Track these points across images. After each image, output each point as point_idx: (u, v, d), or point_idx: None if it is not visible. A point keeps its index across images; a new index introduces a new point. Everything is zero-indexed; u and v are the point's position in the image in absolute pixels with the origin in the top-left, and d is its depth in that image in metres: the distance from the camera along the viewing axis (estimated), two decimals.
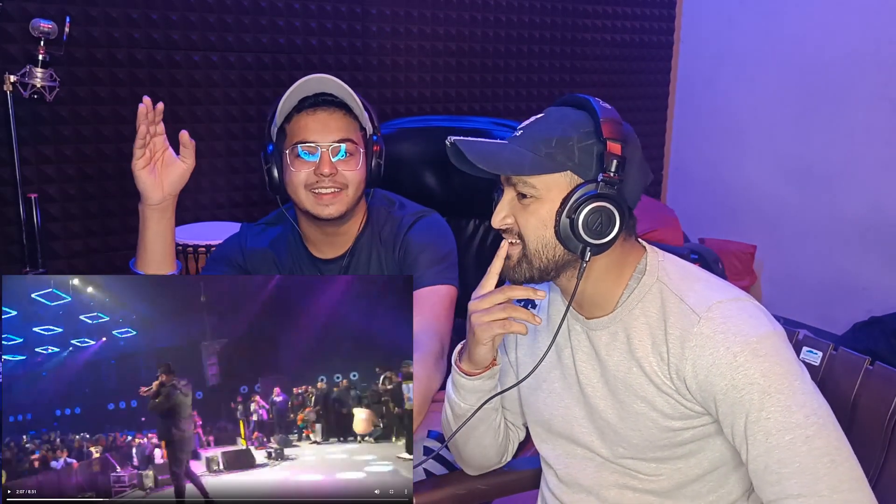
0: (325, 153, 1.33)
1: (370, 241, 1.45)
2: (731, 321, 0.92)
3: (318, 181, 1.33)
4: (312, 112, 1.34)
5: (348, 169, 1.35)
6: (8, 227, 2.34)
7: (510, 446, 1.25)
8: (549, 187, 0.96)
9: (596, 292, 1.02)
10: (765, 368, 0.90)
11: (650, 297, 1.00)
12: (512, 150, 0.97)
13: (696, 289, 0.97)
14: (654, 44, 3.76)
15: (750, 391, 0.90)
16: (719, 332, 0.92)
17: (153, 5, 2.48)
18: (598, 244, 0.95)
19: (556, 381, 1.11)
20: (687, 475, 1.02)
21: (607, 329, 1.03)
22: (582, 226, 0.94)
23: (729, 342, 0.91)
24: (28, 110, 2.29)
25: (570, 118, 0.98)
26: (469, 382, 1.08)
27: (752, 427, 0.90)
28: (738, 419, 0.91)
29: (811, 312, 3.27)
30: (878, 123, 3.04)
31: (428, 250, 1.40)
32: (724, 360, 0.91)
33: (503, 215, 1.00)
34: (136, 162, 1.26)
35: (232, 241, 1.53)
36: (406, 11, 2.99)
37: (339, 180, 1.34)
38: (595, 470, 1.08)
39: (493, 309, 1.00)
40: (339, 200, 1.35)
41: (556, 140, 0.96)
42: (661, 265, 1.02)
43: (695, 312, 0.94)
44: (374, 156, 1.39)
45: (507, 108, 3.35)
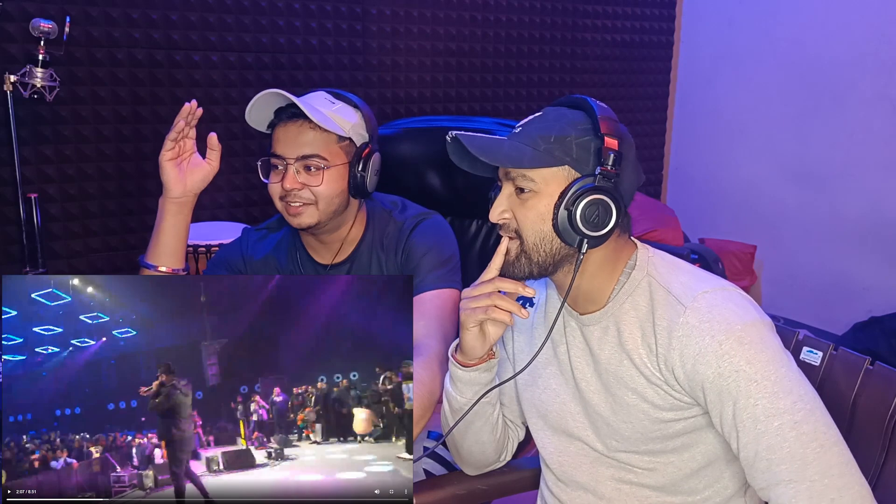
0: (291, 168, 1.32)
1: (371, 247, 1.45)
2: (717, 310, 0.94)
3: (286, 194, 1.33)
4: (284, 124, 1.33)
5: (314, 184, 1.33)
6: (8, 227, 2.34)
7: (509, 444, 1.25)
8: (547, 181, 0.98)
9: (590, 288, 1.04)
10: (750, 356, 0.91)
11: (640, 290, 1.01)
12: (511, 144, 0.99)
13: (682, 280, 0.99)
14: (654, 44, 3.76)
15: (736, 379, 0.91)
16: (704, 322, 0.93)
17: (153, 5, 2.48)
18: (595, 236, 0.97)
19: (552, 378, 1.12)
20: (681, 469, 1.03)
21: (599, 324, 1.04)
22: (580, 217, 0.96)
23: (714, 331, 0.92)
24: (28, 110, 2.29)
25: (567, 117, 1.01)
26: (465, 374, 1.09)
27: (740, 414, 0.91)
28: (726, 407, 0.92)
29: (811, 312, 3.27)
30: (878, 123, 3.04)
31: (430, 254, 1.39)
32: (710, 348, 0.92)
33: (501, 209, 1.01)
34: (164, 153, 1.30)
35: (233, 246, 1.54)
36: (406, 11, 2.99)
37: (303, 196, 1.33)
38: (590, 465, 1.09)
39: (480, 297, 1.02)
40: (308, 213, 1.34)
41: (554, 136, 0.98)
42: (650, 260, 1.04)
43: (681, 303, 0.96)
44: (361, 164, 1.36)
45: (507, 108, 3.35)
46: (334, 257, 1.45)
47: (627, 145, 0.99)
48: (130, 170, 2.53)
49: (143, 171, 2.54)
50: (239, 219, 2.72)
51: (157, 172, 1.30)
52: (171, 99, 2.54)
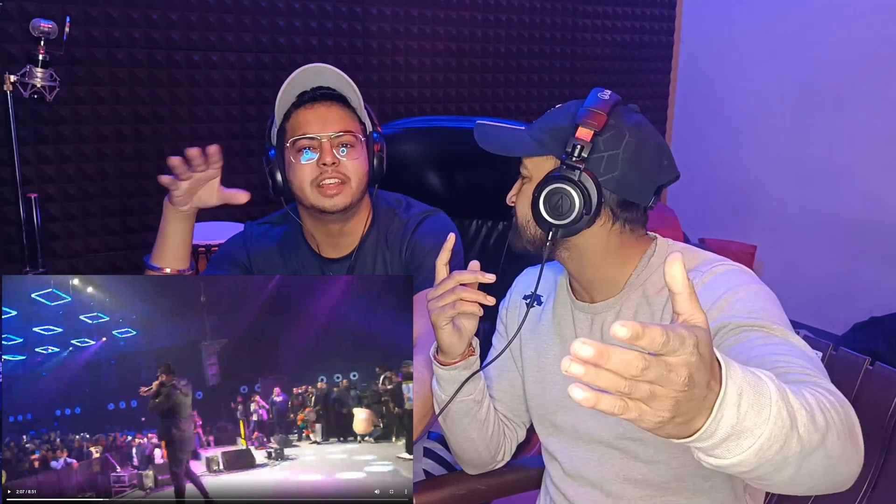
0: (327, 143, 1.33)
1: (375, 243, 1.45)
2: (733, 274, 0.98)
3: (321, 173, 1.33)
4: (311, 106, 1.35)
5: (350, 159, 1.35)
6: (8, 227, 2.34)
7: (506, 444, 1.25)
8: (538, 168, 1.04)
9: (597, 278, 1.07)
10: (755, 291, 0.95)
11: (657, 274, 1.04)
12: (510, 133, 1.06)
13: (699, 258, 1.04)
14: (654, 44, 3.76)
15: (744, 303, 0.93)
16: (720, 280, 0.97)
17: (153, 5, 2.48)
18: (559, 224, 0.99)
19: (559, 373, 1.11)
20: (685, 465, 1.03)
21: (613, 309, 1.06)
22: (542, 205, 1.00)
23: (729, 284, 0.96)
24: (28, 110, 2.29)
25: (569, 108, 1.03)
26: (446, 373, 1.11)
27: (748, 329, 0.90)
28: (728, 338, 0.91)
29: (811, 312, 3.26)
30: (878, 123, 3.04)
31: (435, 251, 1.39)
32: (724, 296, 0.94)
33: (511, 194, 1.09)
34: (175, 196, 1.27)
35: (236, 240, 1.53)
36: (406, 11, 2.99)
37: (341, 171, 1.34)
38: (598, 463, 1.10)
39: (445, 294, 1.03)
40: (343, 192, 1.35)
41: (549, 127, 1.03)
42: (670, 248, 1.08)
43: (698, 272, 0.99)
44: (375, 153, 1.40)
45: (507, 108, 3.34)
46: (338, 252, 1.45)
47: (617, 138, 0.99)
48: (130, 170, 2.53)
49: (143, 171, 2.54)
50: (239, 219, 2.71)
51: (157, 173, 1.29)
52: (171, 99, 2.53)
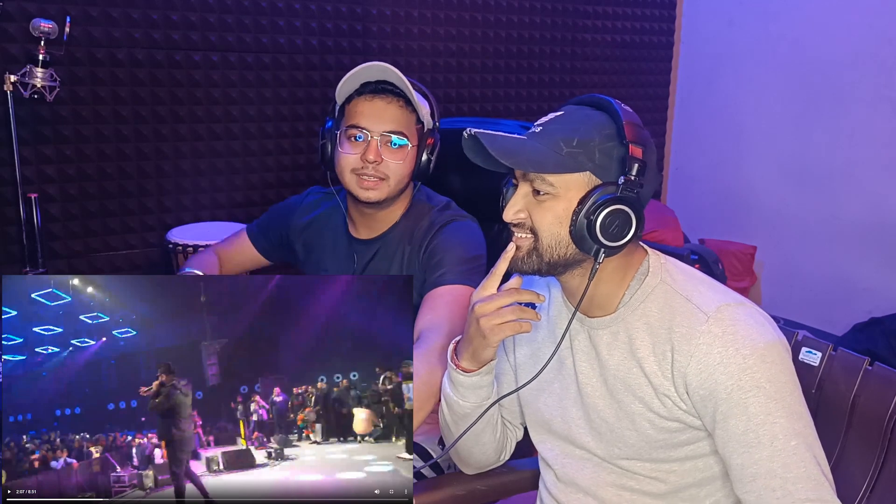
0: (374, 140, 1.36)
1: (402, 235, 1.46)
2: (741, 325, 0.94)
3: (363, 166, 1.36)
4: (371, 98, 1.39)
5: (394, 159, 1.37)
6: (8, 227, 2.34)
7: (508, 444, 1.24)
8: (567, 186, 0.96)
9: (598, 293, 1.03)
10: (771, 375, 0.91)
11: (653, 297, 1.00)
12: (533, 147, 0.97)
13: (700, 290, 0.99)
14: (654, 44, 3.76)
15: (756, 394, 0.91)
16: (728, 334, 0.93)
17: (153, 5, 2.48)
18: (612, 247, 0.96)
19: (554, 382, 1.11)
20: (684, 478, 1.02)
21: (609, 329, 1.03)
22: (600, 227, 0.94)
23: (738, 344, 0.92)
24: (28, 110, 2.29)
25: (592, 119, 0.98)
26: (468, 379, 1.08)
27: (756, 430, 0.91)
28: (738, 421, 0.92)
29: (811, 313, 3.26)
30: (878, 123, 3.04)
31: (454, 251, 1.39)
32: (734, 360, 0.92)
33: (517, 209, 0.99)
34: None
35: (292, 205, 1.63)
36: (406, 12, 2.99)
37: (381, 170, 1.37)
38: (592, 470, 1.08)
39: (503, 311, 1.00)
40: (379, 189, 1.38)
41: (577, 140, 0.95)
42: (663, 267, 1.03)
43: (702, 311, 0.95)
44: (427, 150, 1.41)
45: (507, 108, 3.34)
46: (369, 234, 1.49)
47: (650, 152, 0.97)
48: (130, 170, 2.52)
49: (143, 171, 2.53)
50: (239, 219, 2.71)
51: (156, 173, 1.29)
52: (171, 99, 2.53)
